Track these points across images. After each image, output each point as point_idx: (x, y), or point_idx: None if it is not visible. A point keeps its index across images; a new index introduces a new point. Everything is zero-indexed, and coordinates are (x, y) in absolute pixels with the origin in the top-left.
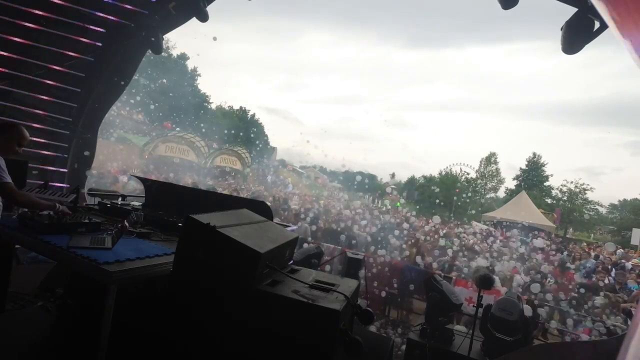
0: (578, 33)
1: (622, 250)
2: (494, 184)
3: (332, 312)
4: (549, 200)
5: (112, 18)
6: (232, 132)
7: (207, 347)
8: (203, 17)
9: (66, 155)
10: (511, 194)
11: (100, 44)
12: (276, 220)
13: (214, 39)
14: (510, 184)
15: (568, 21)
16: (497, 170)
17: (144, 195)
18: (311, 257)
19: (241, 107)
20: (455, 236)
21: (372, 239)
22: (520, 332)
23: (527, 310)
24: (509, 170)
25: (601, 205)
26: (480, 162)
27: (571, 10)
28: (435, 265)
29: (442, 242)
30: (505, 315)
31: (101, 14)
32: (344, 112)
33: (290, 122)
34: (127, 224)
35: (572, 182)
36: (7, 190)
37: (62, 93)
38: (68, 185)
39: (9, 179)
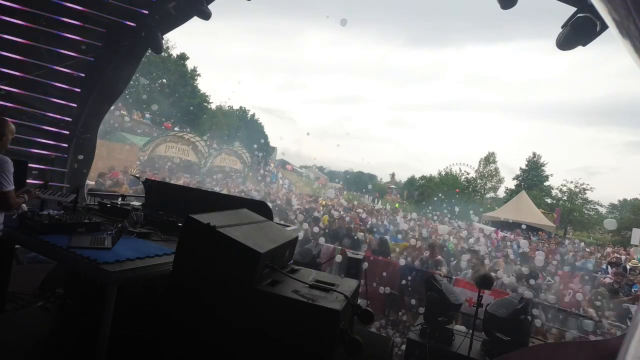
0: (580, 34)
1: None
2: (493, 184)
3: (332, 312)
4: (549, 200)
5: (112, 18)
6: (232, 132)
7: (207, 346)
8: (205, 16)
9: (66, 155)
10: (511, 193)
11: (100, 44)
12: (276, 220)
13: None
14: (510, 183)
15: (573, 21)
16: (497, 170)
17: (144, 195)
18: (312, 257)
19: (241, 107)
20: (456, 236)
21: (372, 238)
22: (514, 331)
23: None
24: (509, 170)
25: (601, 205)
26: (480, 161)
27: (570, 10)
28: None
29: (441, 242)
30: (498, 313)
31: (101, 14)
32: (343, 111)
33: (290, 122)
34: (127, 223)
35: (571, 182)
36: (6, 198)
37: (62, 93)
38: (68, 185)
39: (10, 187)
